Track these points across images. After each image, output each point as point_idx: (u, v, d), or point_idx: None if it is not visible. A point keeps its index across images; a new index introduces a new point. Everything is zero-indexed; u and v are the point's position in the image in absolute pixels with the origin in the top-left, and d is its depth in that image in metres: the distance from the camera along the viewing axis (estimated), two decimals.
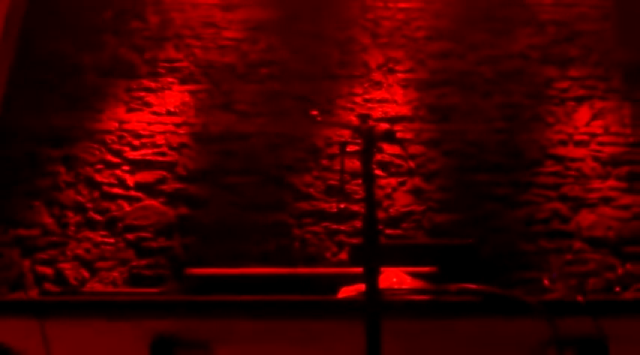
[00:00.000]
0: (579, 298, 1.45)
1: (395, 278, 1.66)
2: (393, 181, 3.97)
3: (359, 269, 1.55)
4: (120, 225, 3.91)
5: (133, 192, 3.97)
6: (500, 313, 1.51)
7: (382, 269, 1.54)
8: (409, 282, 1.67)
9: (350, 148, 1.67)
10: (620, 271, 3.39)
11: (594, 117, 4.13)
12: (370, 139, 1.54)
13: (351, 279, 1.72)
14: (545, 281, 2.50)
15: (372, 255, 1.45)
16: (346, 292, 1.65)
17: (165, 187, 3.98)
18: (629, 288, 3.42)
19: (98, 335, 1.61)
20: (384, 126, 1.56)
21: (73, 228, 3.92)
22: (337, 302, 1.56)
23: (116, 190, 3.97)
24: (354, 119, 1.71)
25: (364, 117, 1.71)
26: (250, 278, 1.92)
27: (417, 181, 4.00)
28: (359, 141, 1.63)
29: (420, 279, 1.76)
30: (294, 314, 1.51)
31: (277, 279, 1.86)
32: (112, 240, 3.87)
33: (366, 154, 1.60)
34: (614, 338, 1.55)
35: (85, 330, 1.57)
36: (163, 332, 1.62)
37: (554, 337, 1.53)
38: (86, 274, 3.82)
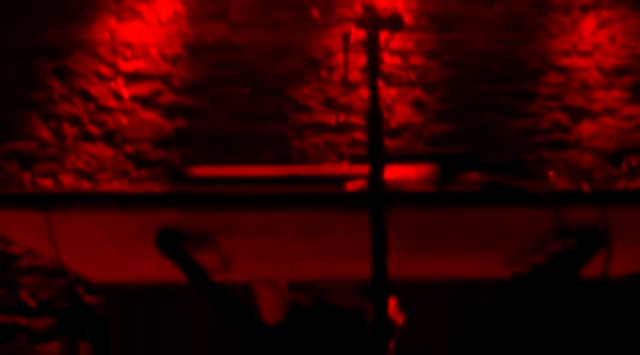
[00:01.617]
0: (585, 187, 1.43)
1: (399, 171, 1.65)
2: (393, 92, 3.93)
3: (364, 169, 1.54)
4: (117, 137, 3.89)
5: (128, 105, 3.92)
6: (505, 203, 1.50)
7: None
8: (414, 173, 1.66)
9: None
10: (624, 166, 3.40)
11: (600, 26, 4.05)
12: (375, 25, 1.49)
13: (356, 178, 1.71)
14: (551, 175, 2.50)
15: (377, 140, 1.43)
16: (351, 186, 1.64)
17: (160, 99, 3.93)
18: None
19: (104, 229, 1.61)
20: (390, 11, 1.51)
21: (70, 141, 3.89)
22: (342, 193, 1.55)
23: (111, 103, 3.93)
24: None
25: (368, 8, 1.65)
26: (254, 177, 1.91)
27: (417, 92, 3.96)
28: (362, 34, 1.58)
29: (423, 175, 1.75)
30: (298, 206, 1.50)
31: (281, 177, 1.85)
32: (110, 153, 3.86)
33: (371, 43, 1.56)
34: (618, 229, 1.55)
35: (91, 224, 1.57)
36: (168, 226, 1.61)
37: (559, 227, 1.52)
38: (86, 185, 3.81)
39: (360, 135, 3.78)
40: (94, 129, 3.87)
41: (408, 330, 2.68)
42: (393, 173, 1.69)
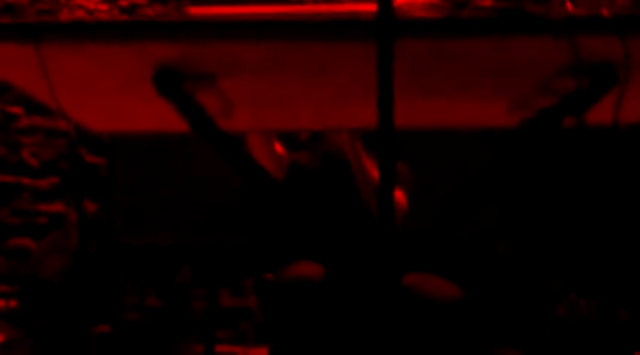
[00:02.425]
0: (604, 12, 1.36)
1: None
2: None
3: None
4: None
5: None
6: (517, 31, 1.42)
7: None
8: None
9: None
10: None
11: None
12: None
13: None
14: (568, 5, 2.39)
15: None
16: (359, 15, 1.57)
17: None
18: None
19: (99, 64, 1.55)
20: None
21: None
22: (348, 22, 1.47)
23: None
24: None
25: None
26: (255, 16, 1.83)
27: None
28: None
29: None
30: (304, 35, 1.43)
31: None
32: (104, 7, 3.73)
33: None
34: (638, 64, 1.48)
35: (85, 59, 1.50)
36: (167, 63, 1.55)
37: (574, 59, 1.46)
38: None
39: None
40: None
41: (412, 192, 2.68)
42: None
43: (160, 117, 1.90)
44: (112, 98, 1.89)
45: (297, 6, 1.81)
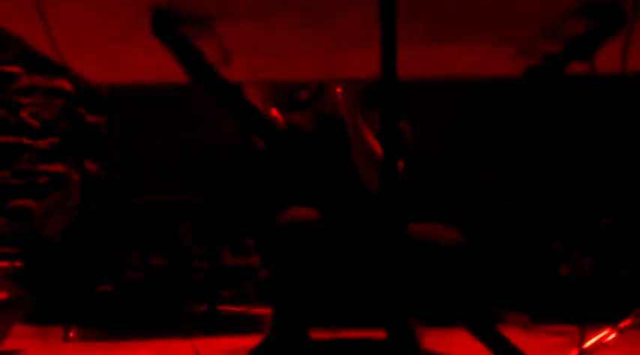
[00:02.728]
0: None
1: None
2: None
3: None
4: None
5: None
6: None
7: None
8: None
9: None
10: None
11: None
12: None
13: None
14: None
15: None
16: None
17: None
18: None
19: (97, 11, 1.52)
20: None
21: None
22: None
23: None
24: None
25: None
26: None
27: None
28: None
29: None
30: None
31: None
32: None
33: None
34: None
35: (84, 4, 1.48)
36: (163, 4, 1.52)
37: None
38: None
39: None
40: None
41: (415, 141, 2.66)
42: None
43: (158, 67, 1.88)
44: (111, 48, 1.86)
45: None
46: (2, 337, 2.85)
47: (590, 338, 2.19)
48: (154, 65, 1.90)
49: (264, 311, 3.71)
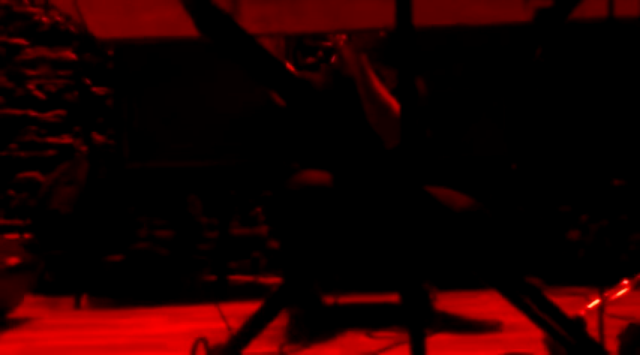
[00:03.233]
0: None
1: None
2: None
3: None
4: None
5: None
6: None
7: None
8: None
9: None
10: None
11: None
12: None
13: None
14: None
15: None
16: None
17: None
18: None
19: None
20: None
21: None
22: None
23: None
24: None
25: None
26: None
27: None
28: None
29: None
30: None
31: None
32: None
33: None
34: None
35: None
36: None
37: None
38: None
39: None
40: None
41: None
42: None
43: (167, 22, 1.86)
44: (117, 2, 1.85)
45: None
46: (16, 303, 2.86)
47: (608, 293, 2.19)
48: (162, 20, 1.88)
49: (273, 280, 3.71)
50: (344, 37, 2.66)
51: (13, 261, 2.67)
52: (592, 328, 1.69)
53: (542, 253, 3.48)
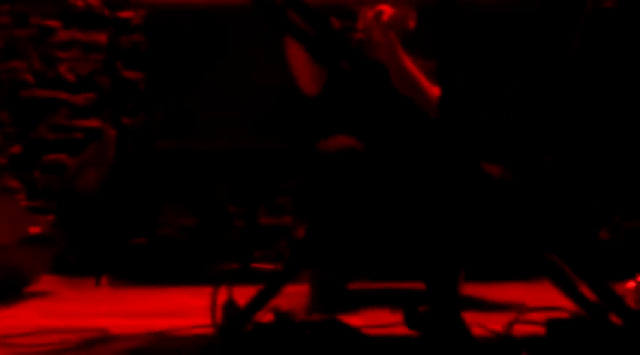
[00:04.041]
0: None
1: None
2: None
3: None
4: None
5: None
6: None
7: None
8: None
9: None
10: None
11: None
12: None
13: None
14: None
15: None
16: None
17: None
18: None
19: None
20: None
21: None
22: None
23: None
24: None
25: None
26: None
27: None
28: None
29: None
30: None
31: None
32: None
33: None
34: None
35: None
36: None
37: None
38: None
39: None
40: None
41: None
42: None
43: None
44: None
45: None
46: (36, 275, 2.84)
47: None
48: None
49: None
50: (370, 14, 2.59)
51: (34, 229, 2.65)
52: None
53: (573, 250, 3.39)
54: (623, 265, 3.35)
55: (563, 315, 1.70)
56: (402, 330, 1.86)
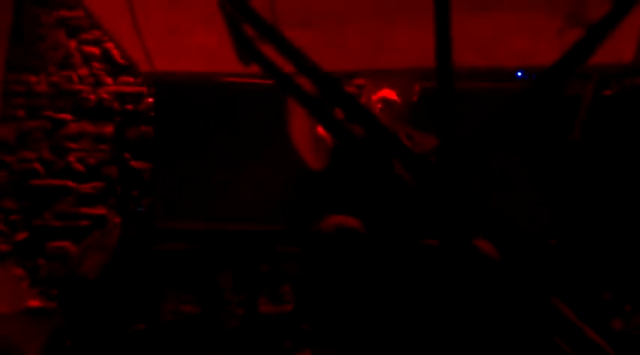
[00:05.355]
0: None
1: None
2: None
3: None
4: None
5: None
6: None
7: None
8: None
9: None
10: None
11: None
12: None
13: None
14: None
15: None
16: None
17: None
18: None
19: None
20: None
21: None
22: None
23: None
24: None
25: None
26: None
27: None
28: None
29: None
30: None
31: None
32: None
33: None
34: None
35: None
36: None
37: None
38: None
39: None
40: None
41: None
42: None
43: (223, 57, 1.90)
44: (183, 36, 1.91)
45: None
46: (35, 351, 2.77)
47: None
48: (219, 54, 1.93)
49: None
50: (379, 105, 2.67)
51: (34, 303, 2.61)
52: None
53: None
54: None
55: None
56: None
